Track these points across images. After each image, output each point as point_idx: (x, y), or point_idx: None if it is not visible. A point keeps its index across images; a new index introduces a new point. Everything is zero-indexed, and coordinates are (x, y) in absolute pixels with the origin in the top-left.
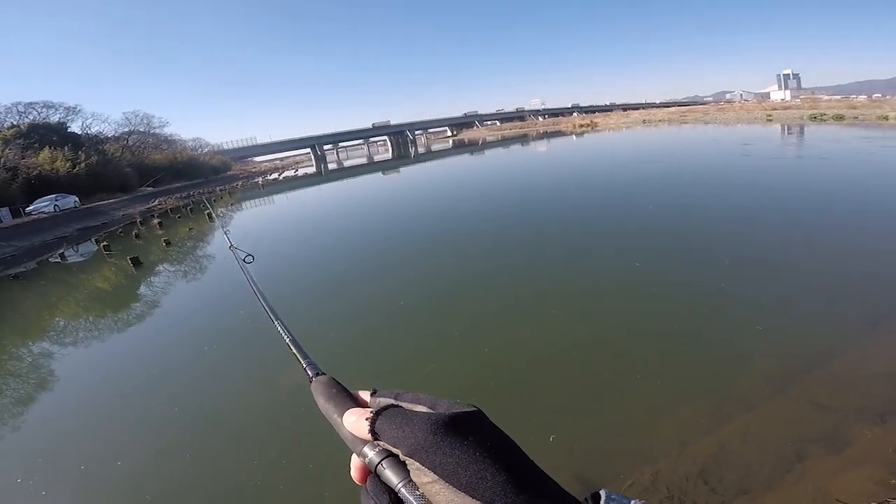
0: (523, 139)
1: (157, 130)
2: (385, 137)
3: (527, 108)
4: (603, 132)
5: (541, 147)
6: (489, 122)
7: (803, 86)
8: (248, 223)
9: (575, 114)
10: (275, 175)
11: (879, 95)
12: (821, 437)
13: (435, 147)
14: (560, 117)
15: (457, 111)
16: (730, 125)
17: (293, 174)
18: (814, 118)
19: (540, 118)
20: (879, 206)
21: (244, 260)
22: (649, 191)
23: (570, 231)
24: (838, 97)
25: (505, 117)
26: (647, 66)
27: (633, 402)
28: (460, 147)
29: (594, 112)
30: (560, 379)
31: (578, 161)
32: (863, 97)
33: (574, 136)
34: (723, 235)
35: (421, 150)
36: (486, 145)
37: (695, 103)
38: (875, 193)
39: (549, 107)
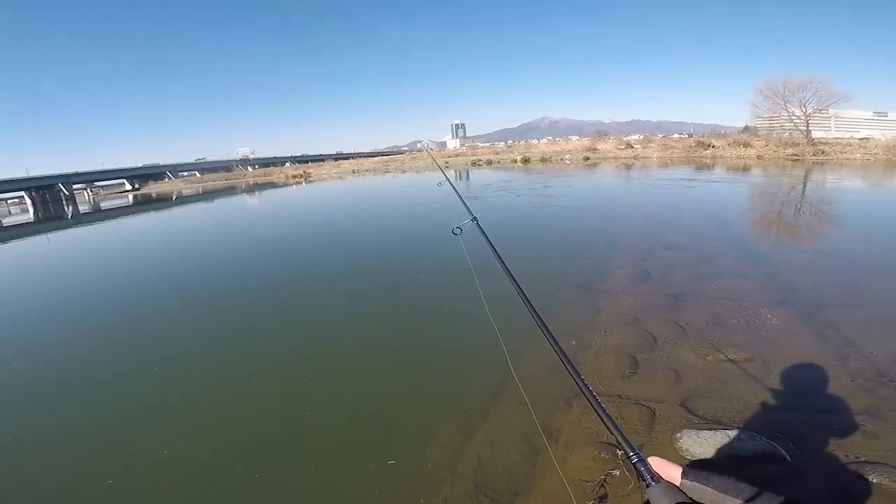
0: (230, 191)
1: None
2: (23, 193)
3: (235, 157)
4: (316, 182)
5: (252, 200)
6: (186, 174)
7: (468, 134)
8: None
9: (288, 164)
10: None
11: (512, 142)
12: (539, 430)
13: (107, 204)
14: (272, 167)
15: (146, 160)
16: (420, 172)
17: None
18: (474, 164)
19: (249, 168)
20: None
21: None
22: (350, 245)
23: (285, 290)
24: (488, 144)
25: (207, 167)
26: (357, 116)
27: (395, 441)
28: (147, 203)
29: (308, 162)
30: (316, 439)
31: (288, 217)
32: (501, 144)
33: (286, 187)
34: (413, 275)
35: (85, 208)
36: (183, 200)
37: (395, 152)
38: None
39: (261, 156)
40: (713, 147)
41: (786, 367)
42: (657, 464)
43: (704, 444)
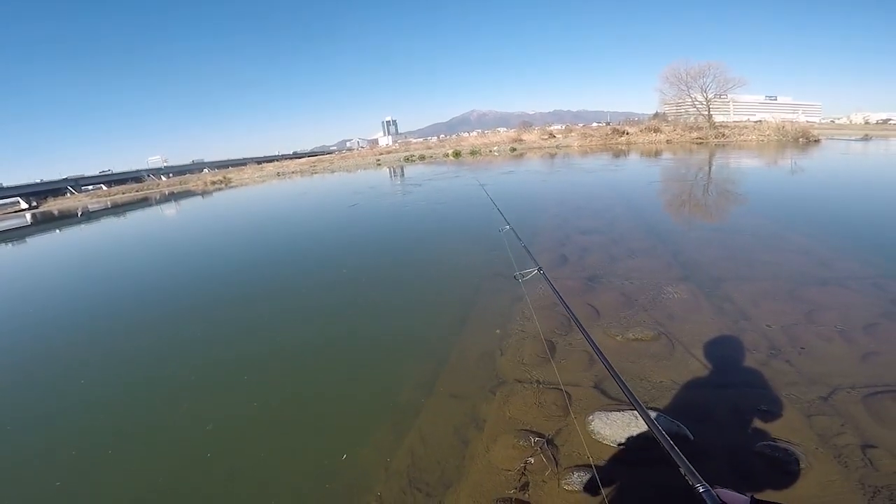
0: (142, 203)
1: None
2: None
3: (145, 166)
4: (238, 188)
5: (169, 211)
6: (91, 187)
7: (400, 130)
8: None
9: (206, 170)
10: None
11: (444, 136)
12: (468, 421)
13: (0, 226)
14: (188, 175)
15: (42, 175)
16: (351, 172)
17: None
18: (407, 159)
19: (163, 177)
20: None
21: None
22: (272, 248)
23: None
24: (421, 139)
25: (115, 179)
26: (281, 117)
27: (328, 446)
28: (48, 222)
29: (228, 167)
30: (247, 451)
31: (210, 224)
32: (434, 139)
33: (206, 195)
34: (338, 271)
35: None
36: (90, 215)
37: (323, 153)
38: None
39: (174, 164)
40: (627, 134)
41: (689, 344)
42: (725, 496)
43: (613, 425)
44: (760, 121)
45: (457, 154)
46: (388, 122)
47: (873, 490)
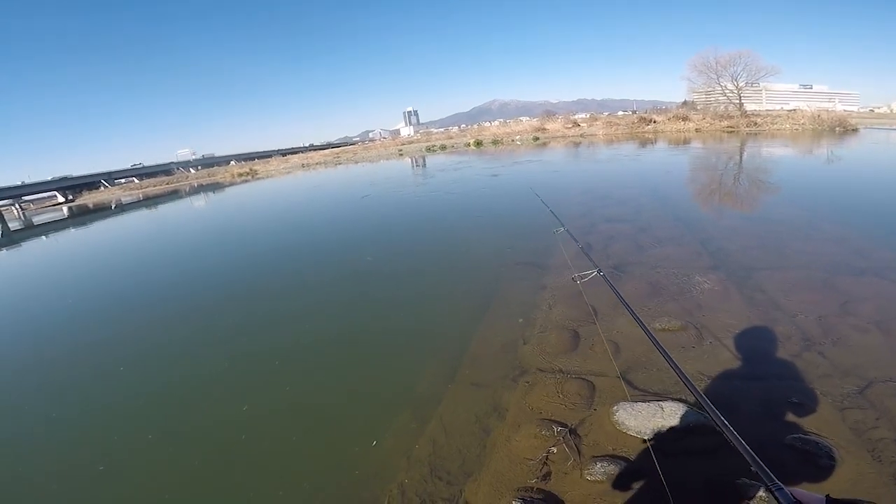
0: (173, 196)
1: None
2: None
3: (175, 160)
4: (263, 179)
5: (198, 202)
6: (123, 180)
7: (421, 121)
8: None
9: (233, 162)
10: None
11: (465, 126)
12: (490, 411)
13: (40, 219)
14: (216, 167)
15: (77, 170)
16: (374, 162)
17: None
18: (429, 149)
19: (192, 170)
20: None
21: None
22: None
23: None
24: (442, 129)
25: (146, 172)
26: (304, 109)
27: (352, 434)
28: (84, 215)
29: (254, 159)
30: (278, 438)
31: (237, 216)
32: (455, 129)
33: (233, 187)
34: (360, 265)
35: (16, 225)
36: (123, 208)
37: (346, 144)
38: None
39: (202, 156)
40: (654, 122)
41: (718, 334)
42: (800, 495)
43: (639, 416)
44: (795, 109)
45: (478, 143)
46: (409, 112)
47: None
